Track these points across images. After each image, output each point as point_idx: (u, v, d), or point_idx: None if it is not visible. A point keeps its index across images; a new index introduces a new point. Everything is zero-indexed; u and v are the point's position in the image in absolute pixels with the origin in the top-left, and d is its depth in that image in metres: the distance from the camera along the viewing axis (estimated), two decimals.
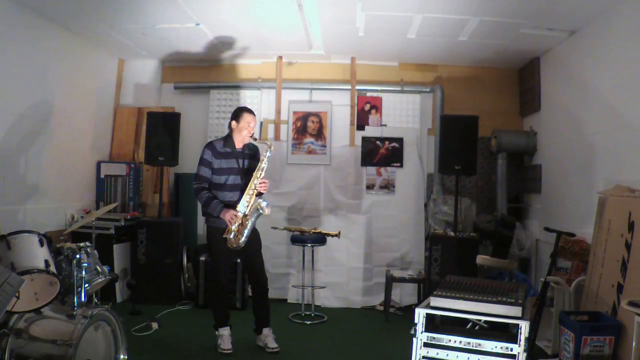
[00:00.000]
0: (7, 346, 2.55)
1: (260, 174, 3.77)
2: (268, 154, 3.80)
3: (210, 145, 3.87)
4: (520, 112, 5.76)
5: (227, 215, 3.68)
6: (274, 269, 5.37)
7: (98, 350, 2.83)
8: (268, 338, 3.89)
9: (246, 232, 3.71)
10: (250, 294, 5.10)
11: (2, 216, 3.98)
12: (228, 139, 3.89)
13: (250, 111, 3.90)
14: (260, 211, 3.72)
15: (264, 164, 3.78)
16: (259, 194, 3.82)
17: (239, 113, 3.88)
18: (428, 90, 5.74)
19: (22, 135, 4.34)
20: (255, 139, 3.94)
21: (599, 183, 4.00)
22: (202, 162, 3.81)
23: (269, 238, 5.11)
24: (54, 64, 4.73)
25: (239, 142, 3.88)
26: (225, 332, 3.87)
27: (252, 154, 3.95)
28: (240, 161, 3.85)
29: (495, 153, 5.60)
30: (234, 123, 3.87)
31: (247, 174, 3.82)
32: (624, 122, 3.75)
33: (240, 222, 3.71)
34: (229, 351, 3.78)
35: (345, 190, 5.68)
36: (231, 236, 3.70)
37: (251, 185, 3.76)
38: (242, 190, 3.79)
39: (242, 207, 3.73)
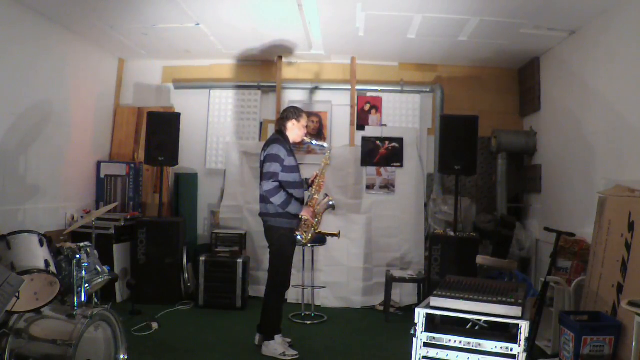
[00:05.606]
0: (7, 346, 2.54)
1: (324, 172, 3.94)
2: (329, 154, 3.99)
3: (281, 142, 3.73)
4: (520, 112, 5.76)
5: (309, 212, 3.74)
6: None
7: (98, 350, 2.83)
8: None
9: (314, 229, 3.83)
10: (249, 294, 5.16)
11: (2, 216, 3.99)
12: (285, 136, 3.84)
13: (305, 112, 3.97)
14: (331, 203, 3.91)
15: (324, 164, 3.95)
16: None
17: (299, 113, 3.88)
18: (428, 90, 5.74)
19: (22, 135, 4.34)
20: (312, 139, 4.05)
21: (599, 183, 4.00)
22: (278, 159, 3.65)
23: None
24: (54, 64, 4.73)
25: (291, 140, 3.88)
26: (281, 338, 3.78)
27: None
28: (295, 158, 3.88)
29: (495, 153, 5.61)
30: (293, 122, 3.84)
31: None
32: (624, 122, 3.75)
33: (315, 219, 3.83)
34: (298, 356, 3.71)
35: (345, 190, 5.68)
36: (304, 234, 3.77)
37: (319, 182, 3.88)
38: (302, 187, 3.88)
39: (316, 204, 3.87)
